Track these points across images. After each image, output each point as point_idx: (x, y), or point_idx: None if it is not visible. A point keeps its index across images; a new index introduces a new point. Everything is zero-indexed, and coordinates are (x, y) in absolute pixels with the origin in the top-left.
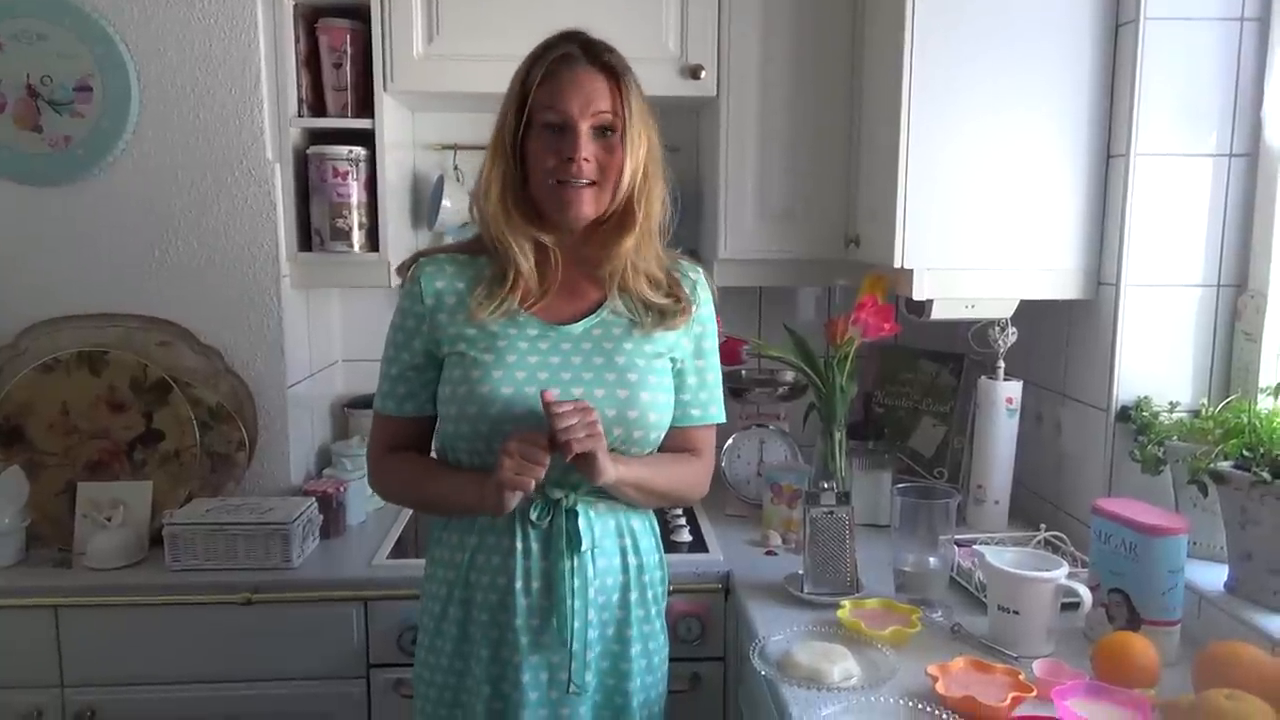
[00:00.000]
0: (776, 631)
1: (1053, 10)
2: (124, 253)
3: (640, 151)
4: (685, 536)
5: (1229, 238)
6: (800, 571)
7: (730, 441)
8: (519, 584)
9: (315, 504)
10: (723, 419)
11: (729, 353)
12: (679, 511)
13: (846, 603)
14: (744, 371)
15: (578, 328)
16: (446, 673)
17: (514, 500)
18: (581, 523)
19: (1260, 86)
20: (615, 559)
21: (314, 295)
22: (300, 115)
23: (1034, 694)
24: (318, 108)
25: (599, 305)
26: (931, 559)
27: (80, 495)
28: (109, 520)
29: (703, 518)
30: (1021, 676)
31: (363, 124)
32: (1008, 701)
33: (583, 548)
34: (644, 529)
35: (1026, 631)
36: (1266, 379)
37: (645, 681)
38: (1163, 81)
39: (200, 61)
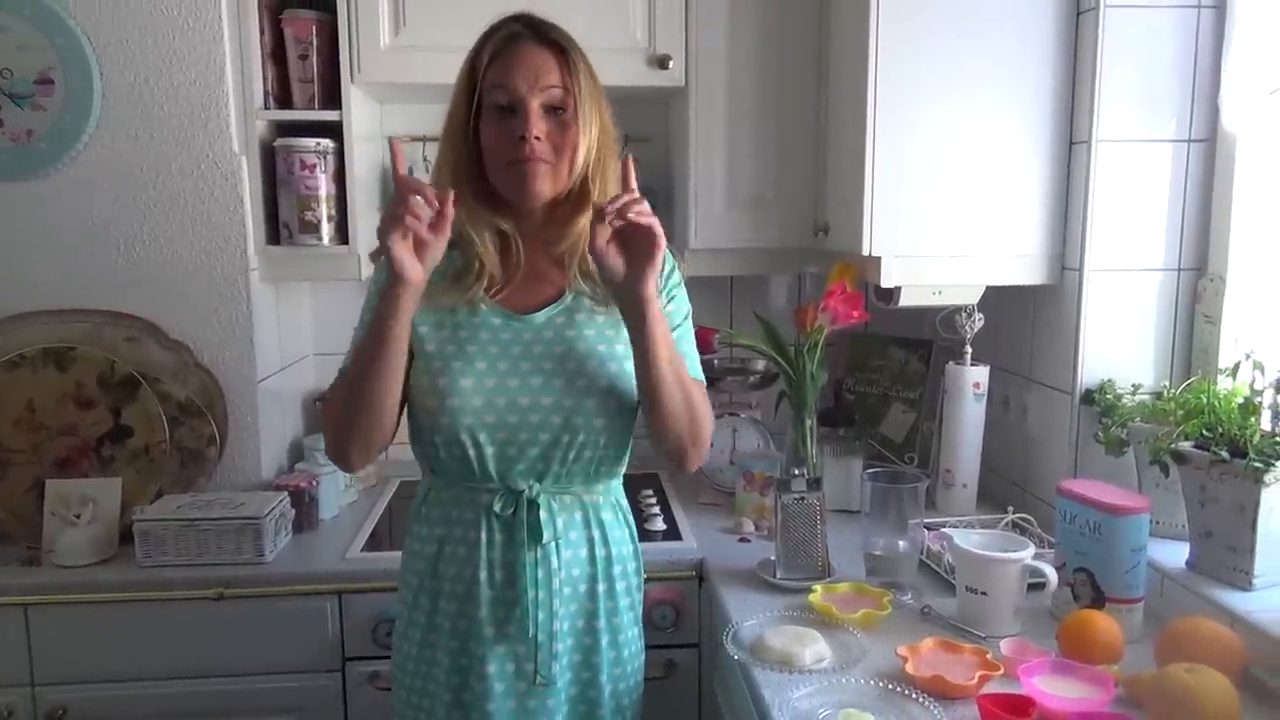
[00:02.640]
0: (749, 617)
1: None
2: (89, 247)
3: (593, 129)
4: (659, 525)
5: (1188, 222)
6: (772, 557)
7: None
8: (483, 575)
9: (288, 498)
10: (702, 378)
11: (700, 342)
12: (653, 500)
13: (818, 587)
14: (716, 360)
15: (540, 316)
16: (416, 661)
17: (405, 258)
18: (543, 514)
19: (1217, 73)
20: (582, 550)
21: (284, 289)
22: (266, 108)
23: (1001, 672)
24: (284, 100)
25: (563, 292)
26: (901, 543)
27: (49, 492)
28: (78, 517)
29: (676, 506)
30: (989, 656)
31: (330, 116)
32: (975, 680)
33: (544, 539)
34: (615, 520)
35: (994, 612)
36: (1225, 360)
37: (613, 674)
38: (1123, 68)
39: (164, 54)
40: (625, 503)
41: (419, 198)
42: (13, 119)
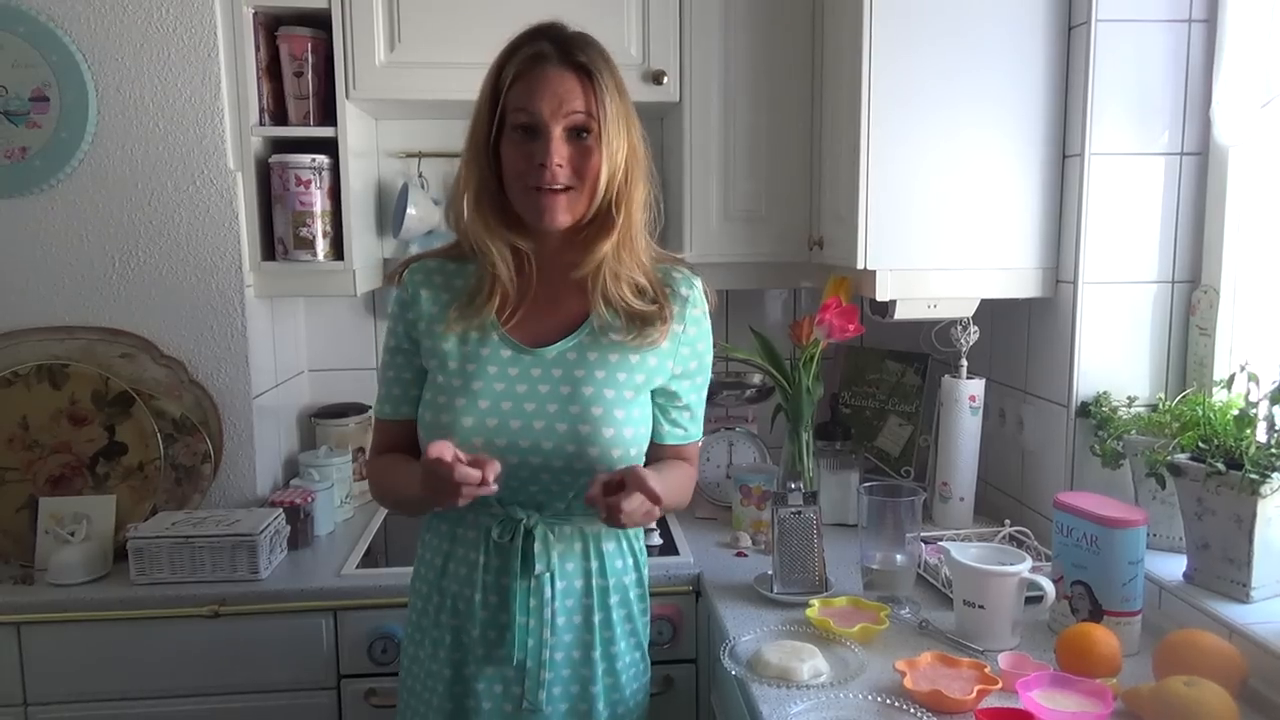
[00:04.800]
0: (747, 631)
1: (1007, 14)
2: (84, 264)
3: (619, 154)
4: (656, 540)
5: (1182, 234)
6: (769, 572)
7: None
8: (478, 598)
9: (283, 515)
10: (699, 438)
11: None
12: None
13: (815, 601)
14: (712, 375)
15: (551, 351)
16: (412, 676)
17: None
18: (538, 546)
19: (1209, 86)
20: (578, 581)
21: (279, 305)
22: (262, 124)
23: (999, 686)
24: (279, 116)
25: (580, 322)
26: (899, 556)
27: (42, 510)
28: (72, 535)
29: (673, 521)
30: (987, 669)
31: (325, 132)
32: (974, 694)
33: (536, 571)
34: (618, 549)
35: (992, 625)
36: (1220, 372)
37: (611, 699)
38: (1115, 82)
39: (159, 71)
40: (630, 531)
41: (465, 483)
42: (7, 136)
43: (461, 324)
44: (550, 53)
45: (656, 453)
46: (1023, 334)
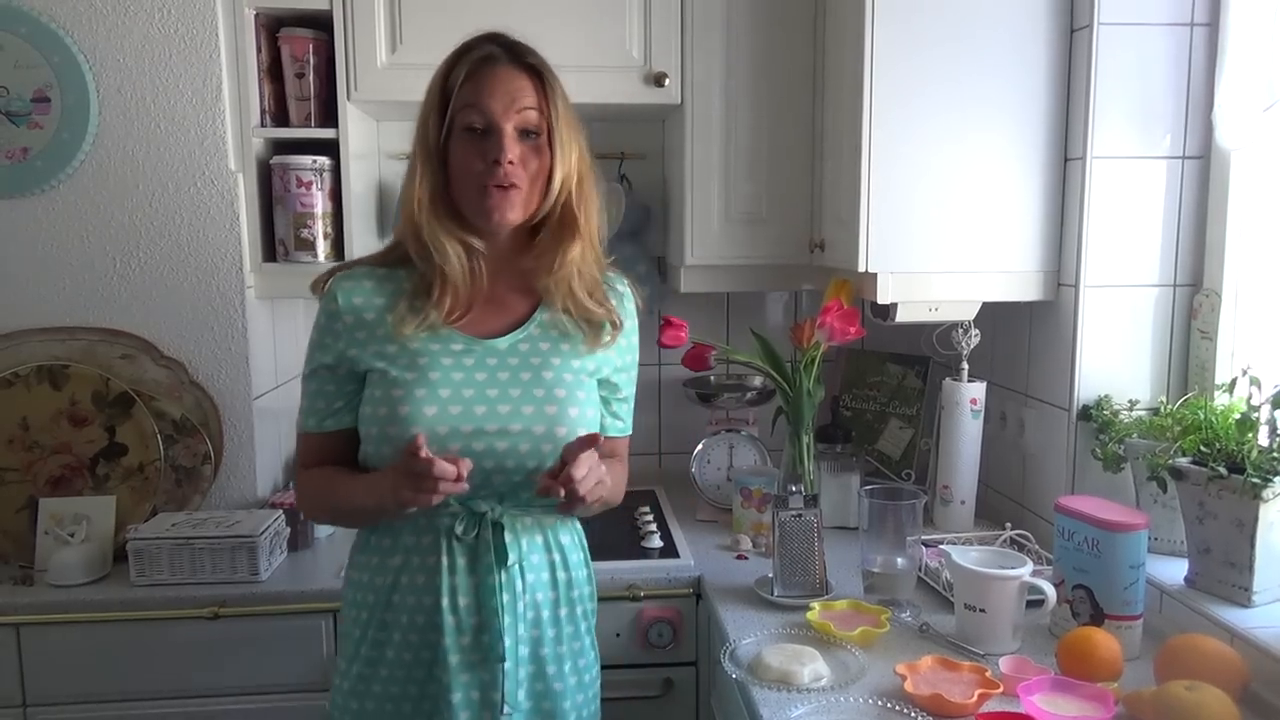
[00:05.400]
0: (747, 635)
1: (1009, 17)
2: (85, 265)
3: (572, 155)
4: (656, 542)
5: (1184, 238)
6: (770, 575)
7: (700, 447)
8: (445, 601)
9: (283, 516)
10: (629, 432)
11: (697, 359)
12: (650, 517)
13: (816, 604)
14: (712, 377)
15: (503, 342)
16: (364, 697)
17: (414, 510)
18: (508, 536)
19: (1210, 90)
20: (544, 573)
21: (279, 306)
22: (263, 125)
23: (1000, 690)
24: (280, 117)
25: (526, 318)
26: (899, 559)
27: (42, 511)
28: (72, 536)
29: (673, 523)
30: (988, 673)
31: (326, 134)
32: (975, 699)
33: (509, 561)
34: (572, 544)
35: (993, 629)
36: (1222, 376)
37: (577, 700)
38: (1117, 86)
39: (161, 72)
40: (580, 525)
41: (443, 479)
42: (9, 137)
43: (407, 324)
44: (500, 54)
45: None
46: (1024, 337)
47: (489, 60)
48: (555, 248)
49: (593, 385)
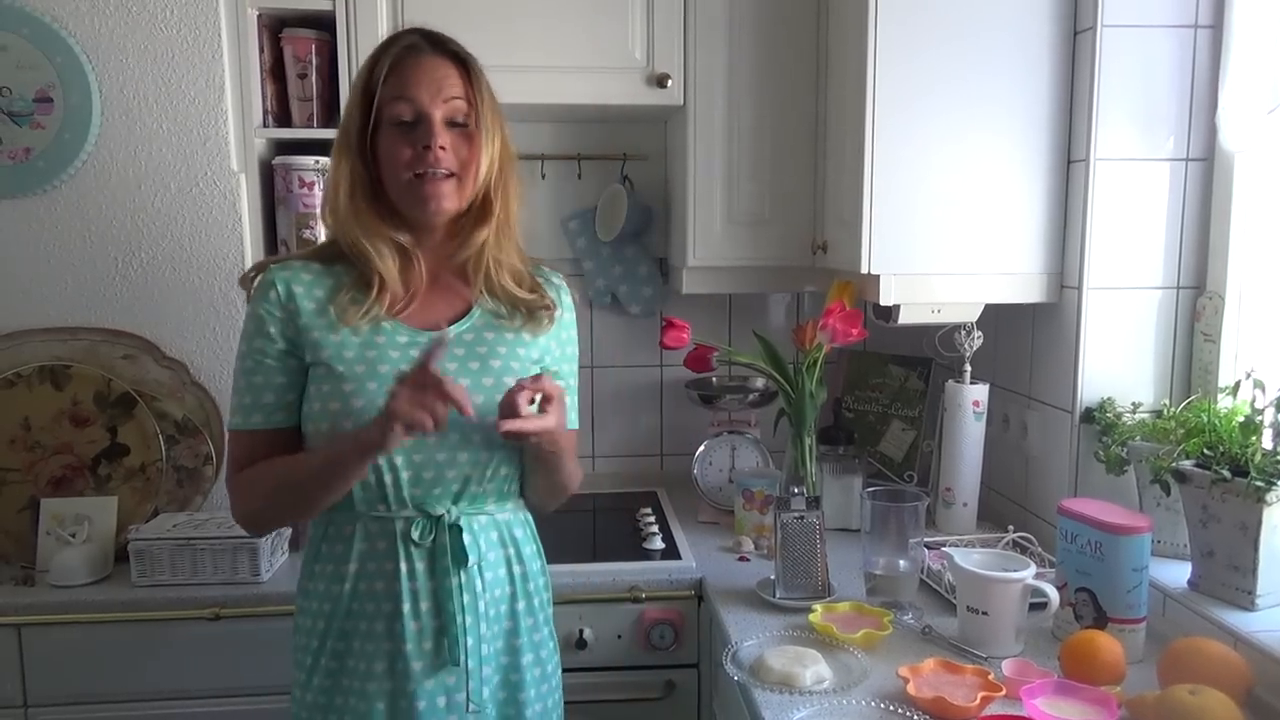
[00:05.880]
0: (749, 637)
1: (1012, 19)
2: (87, 265)
3: (495, 142)
4: (658, 544)
5: (1187, 240)
6: (772, 577)
7: (702, 448)
8: (406, 606)
9: None
10: (576, 425)
11: (699, 360)
12: (651, 518)
13: (818, 607)
14: (714, 379)
15: (449, 332)
16: (326, 710)
17: (396, 438)
18: (466, 537)
19: (1214, 92)
20: (501, 570)
21: None
22: (265, 126)
23: (1003, 693)
24: (283, 118)
25: (469, 309)
26: (902, 562)
27: (44, 511)
28: (73, 537)
29: (675, 524)
30: (991, 676)
31: (329, 134)
32: (977, 701)
33: (469, 562)
34: (525, 536)
35: (995, 632)
36: (1225, 379)
37: (540, 691)
38: (1120, 88)
39: (163, 72)
40: (532, 518)
41: (442, 401)
42: (12, 137)
43: (350, 316)
44: (423, 44)
45: None
46: (1027, 339)
47: (413, 50)
48: (470, 231)
49: (537, 369)
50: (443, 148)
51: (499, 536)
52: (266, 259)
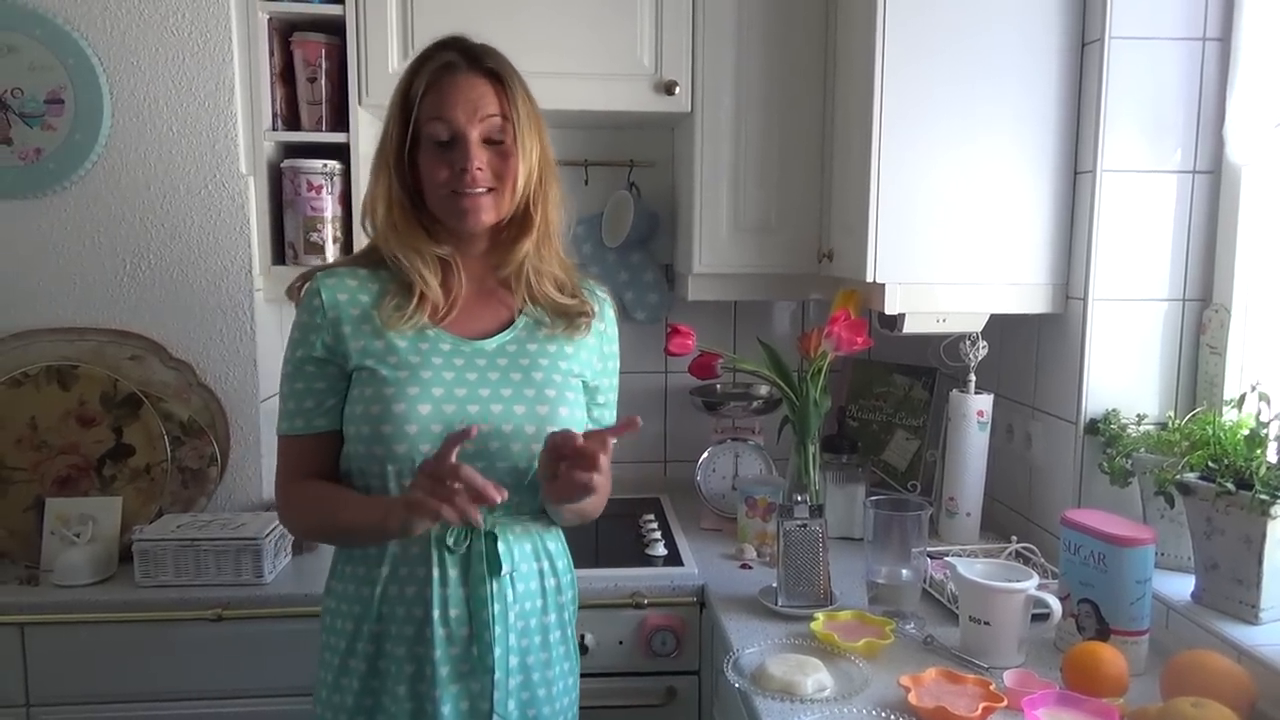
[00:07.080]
0: (751, 644)
1: (1021, 30)
2: (95, 266)
3: (533, 154)
4: (660, 550)
5: (1193, 253)
6: (774, 584)
7: (705, 455)
8: (436, 613)
9: None
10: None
11: (704, 367)
12: (654, 524)
13: (820, 615)
14: (719, 386)
15: (491, 344)
16: (354, 712)
17: (421, 524)
18: (501, 546)
19: (1222, 105)
20: (534, 581)
21: (287, 309)
22: (275, 129)
23: (1005, 704)
24: (292, 121)
25: (510, 320)
26: (904, 571)
27: (49, 511)
28: (78, 537)
29: (678, 531)
30: (992, 687)
31: (337, 138)
32: (979, 712)
33: (503, 571)
34: (559, 550)
35: (997, 642)
36: (1231, 391)
37: (562, 704)
38: (1128, 99)
39: (174, 74)
40: (562, 529)
41: (471, 484)
42: (22, 138)
43: (395, 321)
44: (459, 61)
45: None
46: (1032, 350)
47: (449, 69)
48: (512, 243)
49: (579, 387)
50: (479, 168)
51: (533, 548)
52: (313, 268)
